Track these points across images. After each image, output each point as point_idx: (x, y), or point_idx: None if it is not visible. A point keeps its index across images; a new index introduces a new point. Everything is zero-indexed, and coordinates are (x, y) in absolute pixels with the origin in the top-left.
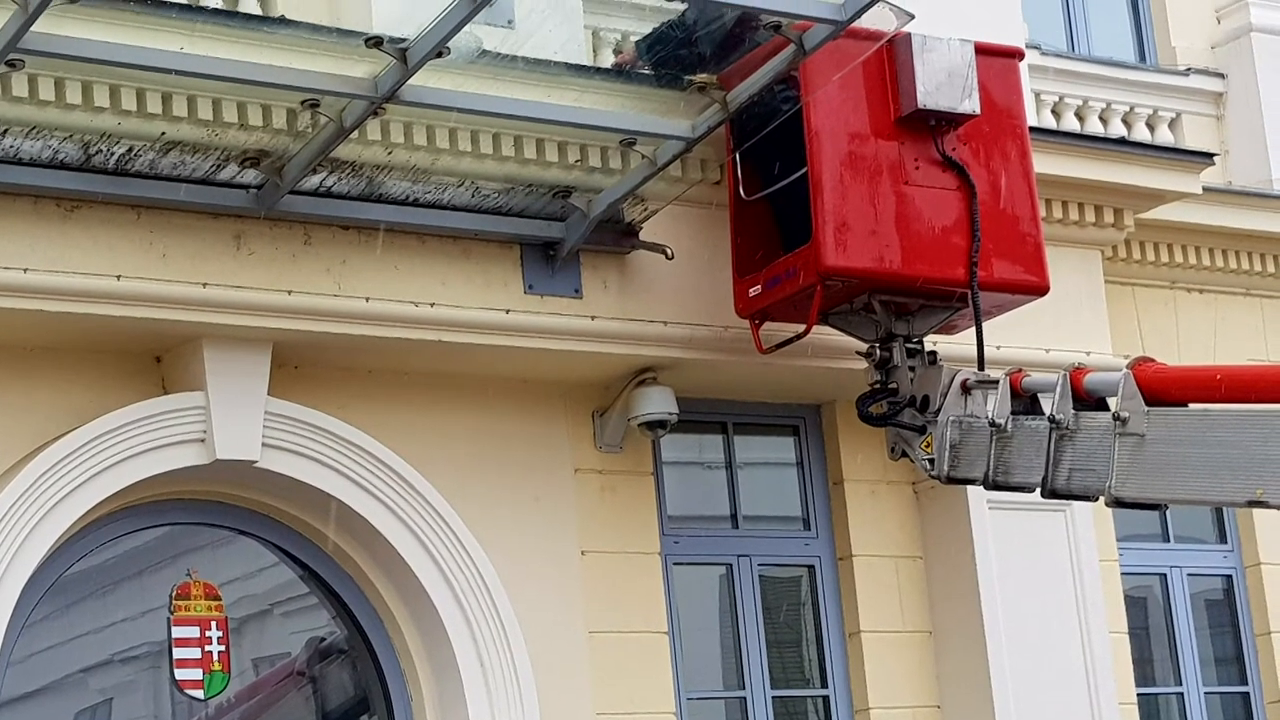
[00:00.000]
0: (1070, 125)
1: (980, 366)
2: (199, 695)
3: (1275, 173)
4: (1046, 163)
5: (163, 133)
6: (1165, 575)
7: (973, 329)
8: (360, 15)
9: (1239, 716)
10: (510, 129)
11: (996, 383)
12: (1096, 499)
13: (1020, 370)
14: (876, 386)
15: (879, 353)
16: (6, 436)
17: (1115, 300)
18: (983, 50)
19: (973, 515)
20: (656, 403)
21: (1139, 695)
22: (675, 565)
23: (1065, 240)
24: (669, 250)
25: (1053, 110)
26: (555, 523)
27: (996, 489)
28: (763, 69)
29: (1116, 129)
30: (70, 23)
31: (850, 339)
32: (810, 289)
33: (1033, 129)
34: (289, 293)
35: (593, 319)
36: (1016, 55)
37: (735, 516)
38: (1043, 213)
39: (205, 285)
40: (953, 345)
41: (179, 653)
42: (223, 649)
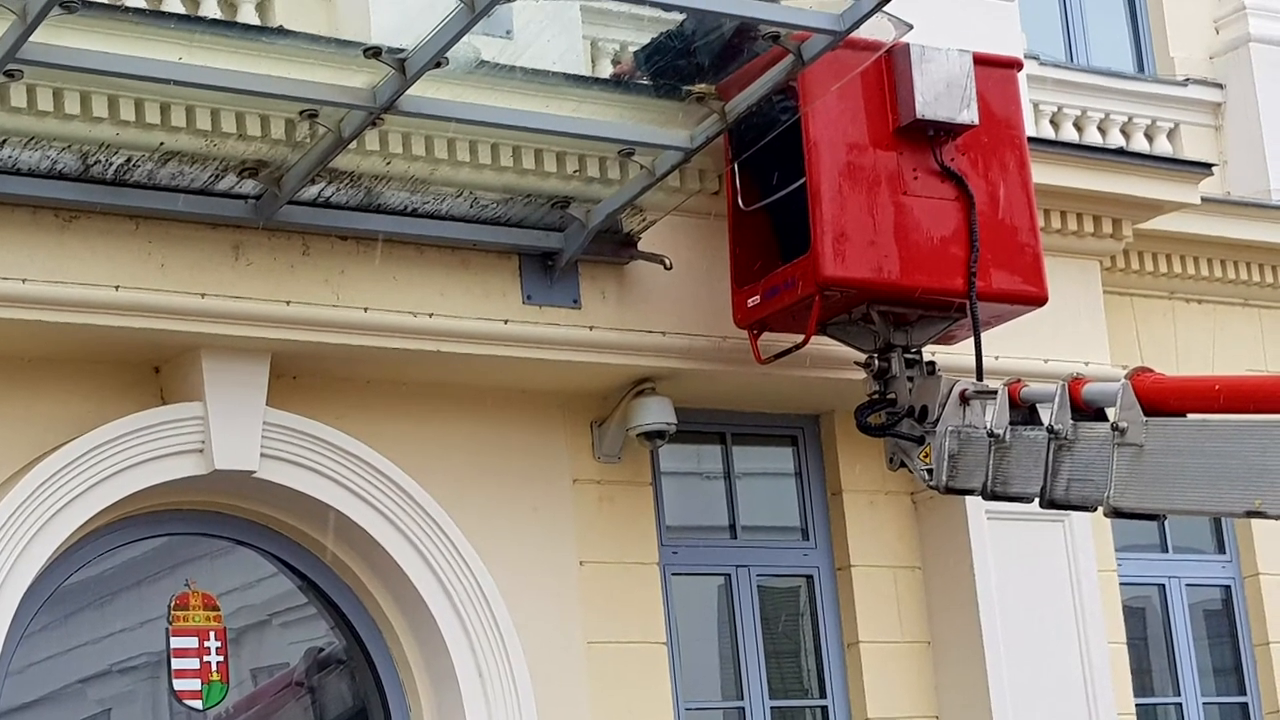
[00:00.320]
0: (1069, 135)
1: (979, 377)
2: (197, 706)
3: (1274, 183)
4: (1045, 173)
5: (161, 143)
6: (1164, 585)
7: (971, 339)
8: (359, 25)
9: None
10: (508, 139)
11: (995, 393)
12: (1095, 509)
13: (1019, 380)
14: (875, 397)
15: (877, 363)
16: (5, 447)
17: (1114, 310)
18: (981, 61)
19: (971, 526)
20: (655, 413)
21: (1137, 705)
22: (674, 575)
23: (1064, 251)
24: (667, 260)
25: (1051, 120)
26: (554, 533)
27: (995, 499)
28: (761, 79)
29: (1115, 139)
30: (68, 33)
31: (849, 349)
32: (809, 299)
33: (1031, 139)
34: (287, 303)
35: (591, 329)
36: (1015, 65)
37: (734, 527)
38: (1041, 223)
39: (204, 295)
40: (951, 355)
41: (177, 663)
42: (221, 659)
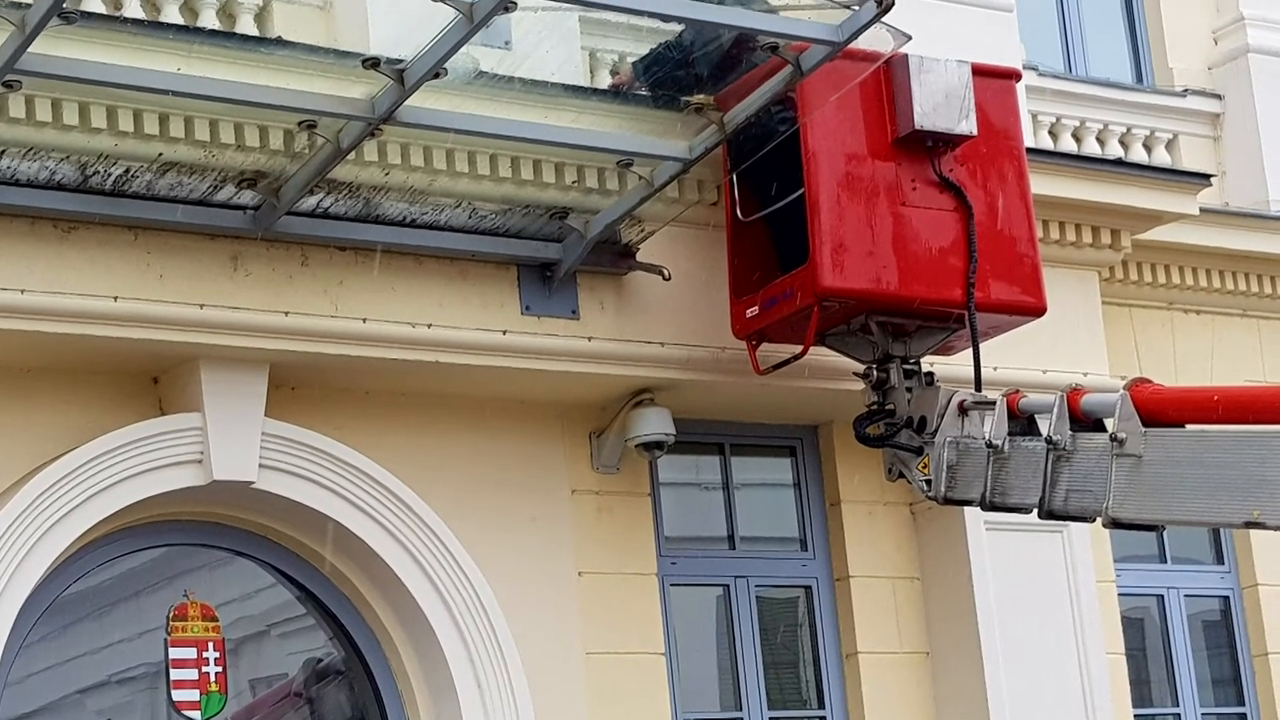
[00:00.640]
0: (1067, 146)
1: (977, 387)
2: (196, 716)
3: (1272, 194)
4: (1043, 184)
5: (160, 153)
6: (1162, 596)
7: (970, 350)
8: (357, 36)
9: None
10: (507, 150)
11: (993, 404)
12: (1094, 520)
13: (1017, 391)
14: (874, 407)
15: (876, 374)
16: (4, 457)
17: (1112, 321)
18: (980, 71)
19: (970, 536)
20: (653, 424)
21: (1136, 716)
22: (672, 586)
23: (1062, 261)
24: (666, 271)
25: (1050, 131)
26: (552, 544)
27: (993, 510)
28: (760, 90)
29: (1114, 150)
30: (67, 44)
31: (847, 360)
32: (807, 310)
33: (1030, 150)
34: (286, 314)
35: (590, 340)
36: (1014, 76)
37: (732, 537)
38: (1040, 234)
39: (202, 306)
40: (950, 366)
41: (176, 674)
42: (220, 670)
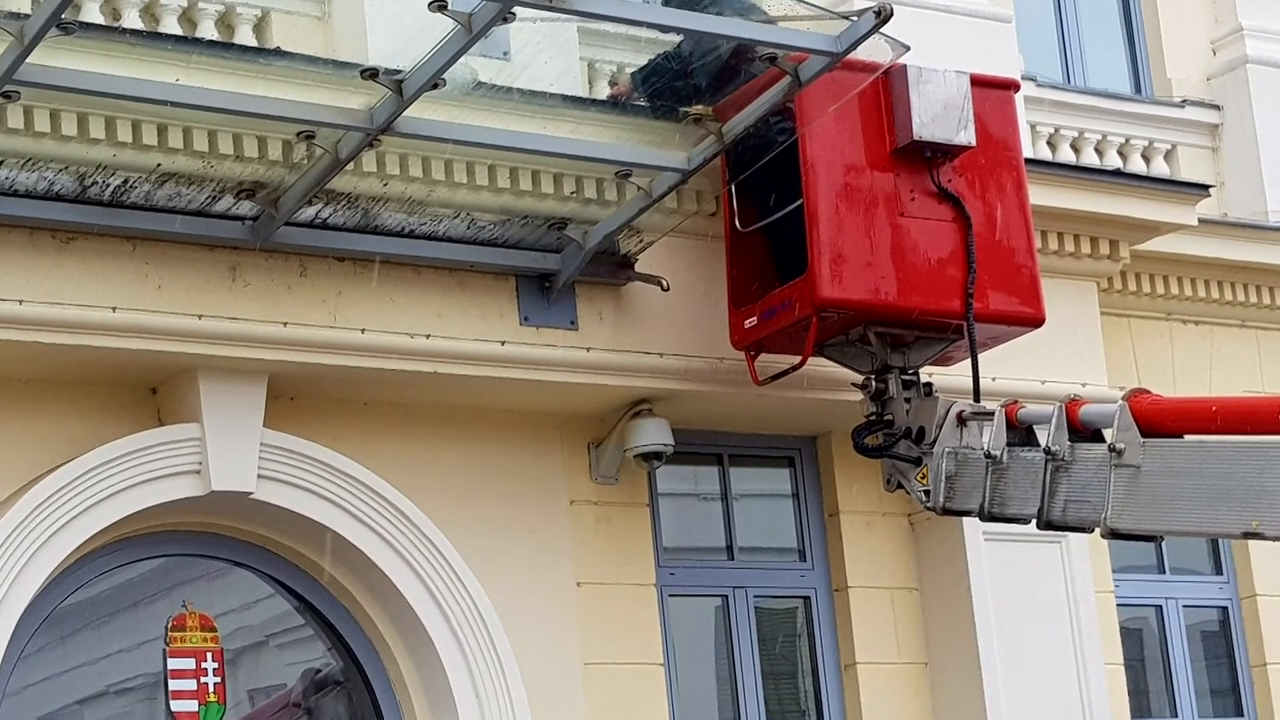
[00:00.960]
0: (1066, 157)
1: (976, 398)
2: None
3: (1271, 204)
4: (1042, 194)
5: (158, 164)
6: (1161, 607)
7: (968, 361)
8: (356, 47)
9: None
10: (506, 161)
11: (992, 414)
12: (1092, 530)
13: (1016, 402)
14: (872, 418)
15: (874, 384)
16: (2, 468)
17: (1111, 332)
18: (978, 82)
19: (968, 547)
20: (652, 434)
21: None
22: (671, 597)
23: (1061, 272)
24: (665, 282)
25: (1048, 142)
26: (551, 554)
27: (992, 520)
28: (758, 101)
29: (1112, 160)
30: (66, 54)
31: (846, 371)
32: (806, 321)
33: (1028, 160)
34: (285, 324)
35: (588, 350)
36: (1012, 87)
37: (731, 548)
38: (1038, 244)
39: (201, 317)
40: (948, 377)
41: (175, 684)
42: (218, 680)
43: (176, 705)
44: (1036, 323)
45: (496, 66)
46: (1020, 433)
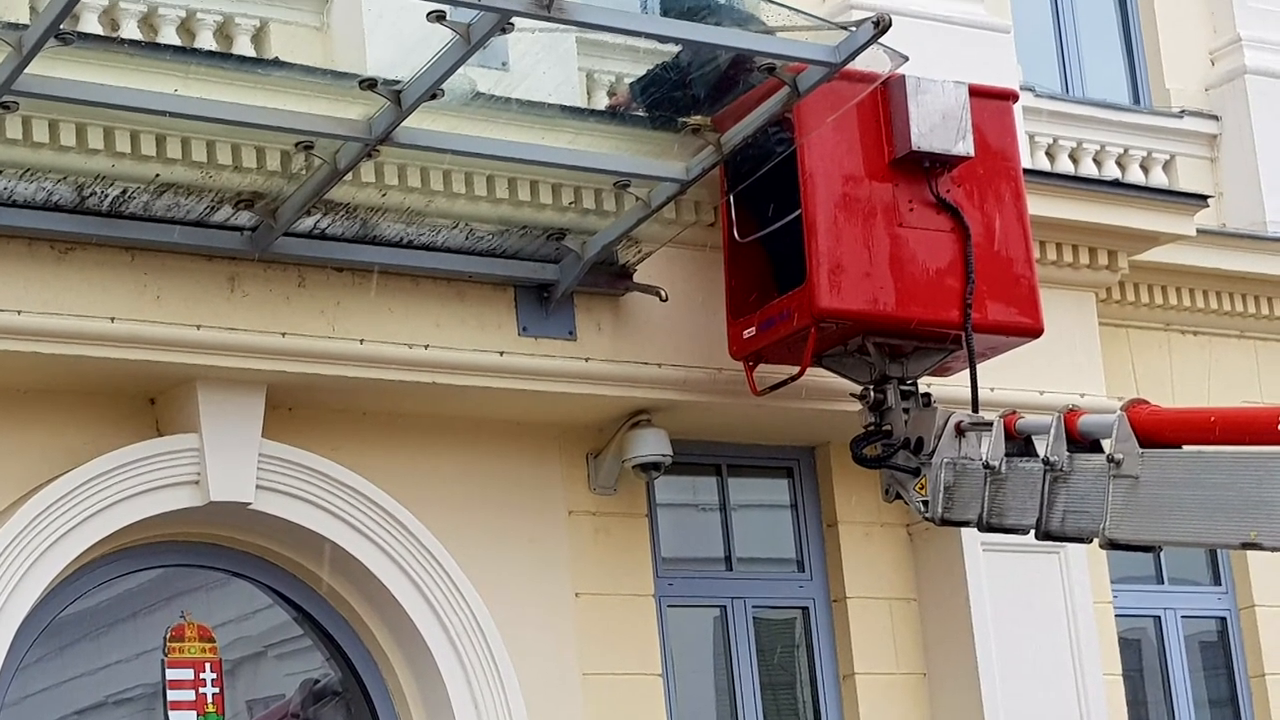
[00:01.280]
0: (1064, 167)
1: (974, 408)
2: None
3: (1269, 215)
4: (1041, 205)
5: (157, 174)
6: (1159, 617)
7: (967, 371)
8: (354, 57)
9: None
10: (504, 171)
11: (990, 425)
12: (1090, 541)
13: (1014, 412)
14: (871, 429)
15: (873, 395)
16: (1, 479)
17: (1109, 342)
18: (977, 92)
19: (967, 557)
20: (651, 445)
21: None
22: (669, 607)
23: (1059, 282)
24: (663, 292)
25: (1047, 152)
26: (549, 565)
27: (991, 531)
28: (757, 111)
29: (1111, 171)
30: (64, 65)
31: (844, 381)
32: (804, 331)
33: (1027, 171)
34: (283, 335)
35: (587, 361)
36: (1010, 97)
37: (729, 559)
38: (1037, 255)
39: (199, 327)
40: (947, 387)
41: (173, 695)
42: (217, 691)
43: (175, 716)
44: (1035, 333)
45: (495, 77)
46: (1019, 443)
